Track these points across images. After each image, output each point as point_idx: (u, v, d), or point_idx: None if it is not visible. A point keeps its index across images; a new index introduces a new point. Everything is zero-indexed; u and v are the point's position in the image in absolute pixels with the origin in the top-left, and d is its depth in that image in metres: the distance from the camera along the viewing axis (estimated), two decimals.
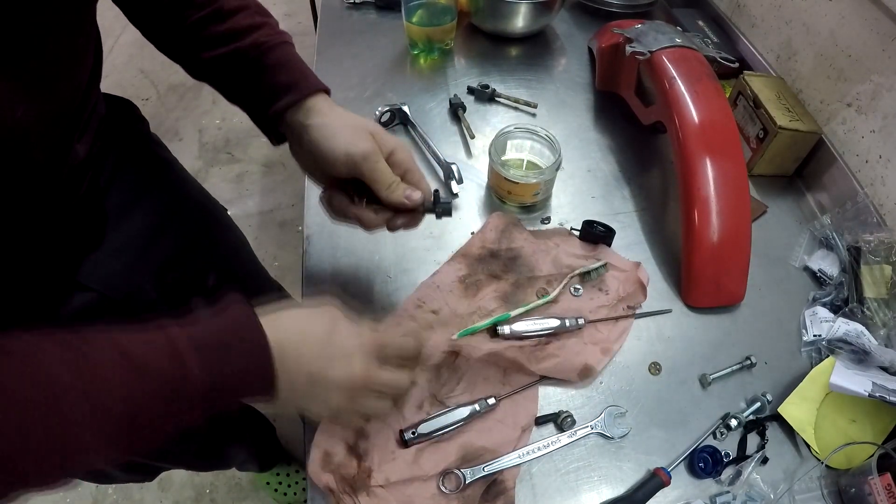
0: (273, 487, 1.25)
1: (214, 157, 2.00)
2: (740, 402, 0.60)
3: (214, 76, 0.56)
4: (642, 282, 0.66)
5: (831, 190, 0.78)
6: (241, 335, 0.41)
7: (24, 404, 0.32)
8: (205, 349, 0.39)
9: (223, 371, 0.39)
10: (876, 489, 0.51)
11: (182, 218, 0.71)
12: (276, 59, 0.54)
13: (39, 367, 0.34)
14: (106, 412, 0.35)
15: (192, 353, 0.38)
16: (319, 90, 0.54)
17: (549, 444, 0.56)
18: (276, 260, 1.73)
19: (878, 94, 0.72)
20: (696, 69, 0.71)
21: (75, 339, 0.36)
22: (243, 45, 0.53)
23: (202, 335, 0.39)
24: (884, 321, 0.63)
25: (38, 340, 0.35)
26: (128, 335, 0.37)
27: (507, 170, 0.70)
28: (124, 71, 2.27)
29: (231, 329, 0.41)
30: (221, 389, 0.39)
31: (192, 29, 0.54)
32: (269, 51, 0.53)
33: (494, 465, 0.54)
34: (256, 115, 0.56)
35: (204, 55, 0.54)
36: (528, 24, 0.96)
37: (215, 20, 0.53)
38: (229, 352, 0.40)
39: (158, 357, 0.37)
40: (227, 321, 0.41)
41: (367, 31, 1.00)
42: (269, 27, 0.55)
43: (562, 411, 0.58)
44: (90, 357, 0.35)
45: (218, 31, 0.53)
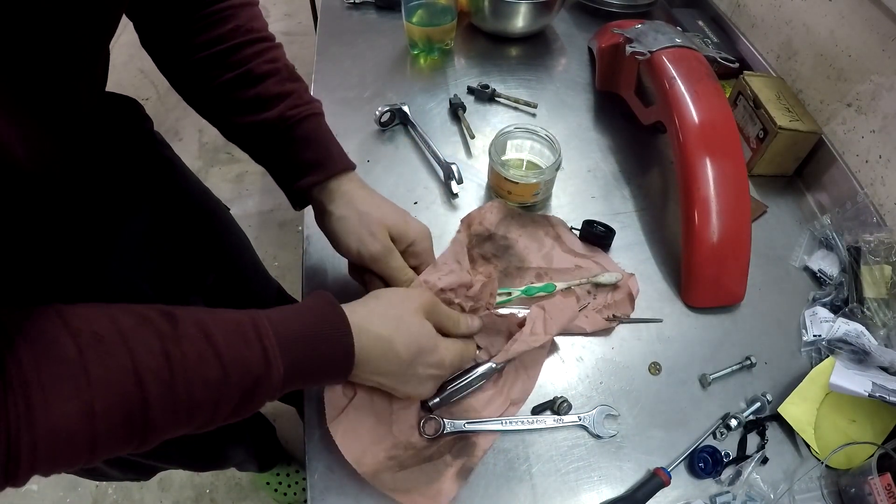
0: (273, 487, 1.25)
1: (214, 157, 2.00)
2: (740, 402, 0.60)
3: (242, 141, 0.58)
4: (632, 293, 0.66)
5: (831, 190, 0.78)
6: (332, 339, 0.43)
7: (110, 388, 0.33)
8: (292, 352, 0.41)
9: (304, 373, 0.42)
10: (876, 489, 0.51)
11: (183, 218, 0.71)
12: (304, 134, 0.54)
13: (131, 356, 0.34)
14: (189, 397, 0.36)
15: (280, 354, 0.40)
16: (345, 169, 0.55)
17: (534, 422, 0.57)
18: (276, 260, 1.73)
19: (878, 94, 0.72)
20: (696, 69, 0.71)
21: (168, 325, 0.37)
22: (270, 116, 0.53)
23: (291, 335, 0.41)
24: (884, 321, 0.63)
25: (132, 325, 0.36)
26: (219, 326, 0.39)
27: (507, 170, 0.70)
28: (124, 71, 2.27)
29: (319, 328, 0.43)
30: (300, 381, 0.43)
31: (221, 90, 0.54)
32: (296, 125, 0.54)
33: (476, 424, 0.55)
34: (281, 183, 0.58)
35: (232, 119, 0.55)
36: (528, 24, 0.96)
37: (244, 84, 0.53)
38: (315, 359, 0.43)
39: (246, 352, 0.39)
40: (316, 319, 0.43)
41: (367, 31, 1.00)
42: (298, 95, 0.55)
43: (558, 397, 0.58)
44: (181, 344, 0.36)
45: (246, 96, 0.54)
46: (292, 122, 0.54)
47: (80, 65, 0.42)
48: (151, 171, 0.67)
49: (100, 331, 0.34)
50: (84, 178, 0.53)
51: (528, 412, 0.58)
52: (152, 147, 0.69)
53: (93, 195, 0.56)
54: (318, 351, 0.43)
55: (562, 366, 0.61)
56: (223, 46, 0.53)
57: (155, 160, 0.69)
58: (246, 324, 0.40)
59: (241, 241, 0.89)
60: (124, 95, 0.65)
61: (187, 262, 0.72)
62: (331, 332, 0.43)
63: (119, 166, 0.61)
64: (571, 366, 0.62)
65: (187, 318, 0.38)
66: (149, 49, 0.56)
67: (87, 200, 0.55)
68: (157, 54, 0.56)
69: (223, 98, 0.54)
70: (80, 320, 0.34)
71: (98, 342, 0.34)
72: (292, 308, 0.44)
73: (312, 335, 0.42)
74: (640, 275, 0.69)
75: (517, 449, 0.56)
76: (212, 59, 0.53)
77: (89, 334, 0.34)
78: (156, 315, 0.37)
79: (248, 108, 0.54)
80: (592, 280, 0.66)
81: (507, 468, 0.54)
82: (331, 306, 0.45)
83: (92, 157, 0.54)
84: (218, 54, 0.53)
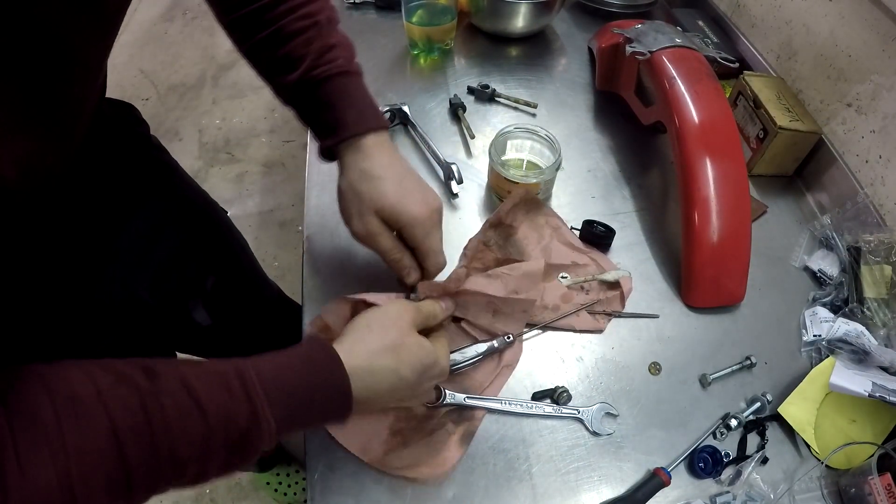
0: (273, 487, 1.25)
1: (214, 157, 2.00)
2: (740, 402, 0.60)
3: (282, 98, 0.58)
4: (623, 292, 0.66)
5: (831, 190, 0.78)
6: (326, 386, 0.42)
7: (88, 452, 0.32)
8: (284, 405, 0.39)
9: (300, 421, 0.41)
10: (876, 489, 0.51)
11: (181, 223, 0.71)
12: (322, 96, 0.54)
13: (109, 415, 0.33)
14: (173, 454, 0.35)
15: (269, 407, 0.38)
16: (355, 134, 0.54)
17: (533, 407, 0.57)
18: (276, 260, 1.73)
19: (878, 94, 0.72)
20: (696, 69, 0.71)
21: (146, 381, 0.35)
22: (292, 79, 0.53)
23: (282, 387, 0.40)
24: (884, 321, 0.63)
25: (110, 384, 0.34)
26: (201, 378, 0.37)
27: (507, 170, 0.70)
28: (124, 71, 2.27)
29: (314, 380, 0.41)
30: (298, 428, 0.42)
31: (255, 49, 0.55)
32: (316, 86, 0.54)
33: (476, 400, 0.57)
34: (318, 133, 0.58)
35: (270, 79, 0.56)
36: (528, 24, 0.96)
37: (275, 43, 0.54)
38: (311, 407, 0.41)
39: (231, 405, 0.37)
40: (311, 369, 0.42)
41: (367, 31, 1.00)
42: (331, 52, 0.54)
43: (559, 386, 0.59)
44: (160, 399, 0.35)
45: (277, 55, 0.54)
46: (313, 84, 0.54)
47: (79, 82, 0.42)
48: (148, 176, 0.67)
49: (78, 392, 0.33)
50: (80, 187, 0.53)
51: (529, 399, 0.59)
52: (149, 152, 0.69)
53: (89, 203, 0.56)
54: (314, 401, 0.41)
55: (562, 365, 0.61)
56: (260, 4, 0.53)
57: (152, 165, 0.68)
58: (230, 375, 0.38)
59: (240, 245, 0.89)
60: (120, 101, 0.64)
61: (186, 267, 0.71)
62: (327, 381, 0.42)
63: (116, 173, 0.61)
64: (571, 365, 0.62)
65: (168, 372, 0.37)
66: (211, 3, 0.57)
67: (83, 209, 0.55)
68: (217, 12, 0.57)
69: (258, 57, 0.56)
70: (59, 382, 0.33)
71: (75, 404, 0.33)
72: (285, 355, 0.42)
73: (307, 386, 0.41)
74: (640, 275, 0.69)
75: (517, 449, 0.56)
76: (249, 17, 0.53)
77: (67, 396, 0.33)
78: (135, 370, 0.36)
79: (280, 68, 0.54)
80: (599, 278, 0.66)
81: (507, 468, 0.54)
82: (325, 352, 0.43)
83: (89, 166, 0.53)
84: (253, 12, 0.53)
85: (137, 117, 0.67)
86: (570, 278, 0.66)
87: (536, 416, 0.58)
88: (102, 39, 0.43)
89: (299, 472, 1.27)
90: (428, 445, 0.54)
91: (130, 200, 0.63)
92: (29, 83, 0.35)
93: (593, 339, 0.64)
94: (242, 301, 0.87)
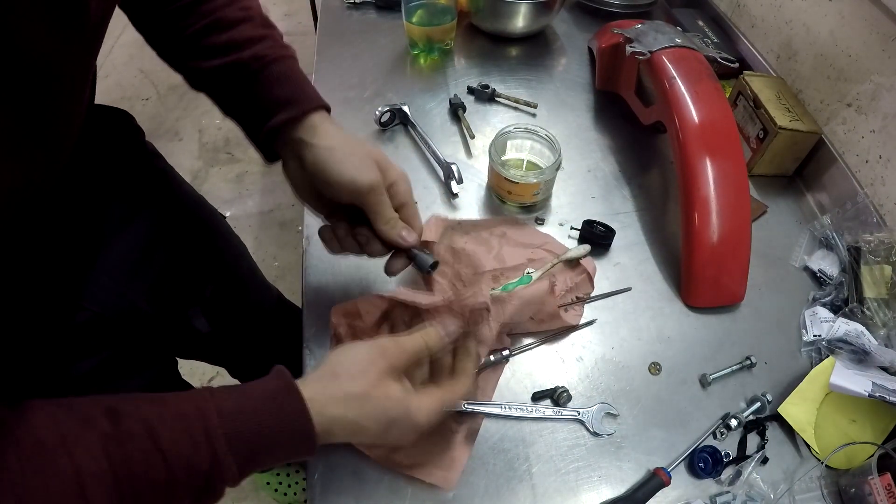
0: (273, 487, 1.25)
1: (214, 157, 2.00)
2: (740, 402, 0.60)
3: (212, 87, 0.55)
4: (589, 272, 0.67)
5: (831, 190, 0.78)
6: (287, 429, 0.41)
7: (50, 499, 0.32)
8: (246, 449, 0.39)
9: (263, 462, 0.41)
10: (876, 489, 0.51)
11: (177, 231, 0.70)
12: (277, 73, 0.52)
13: (72, 461, 0.33)
14: (137, 499, 0.35)
15: (231, 453, 0.38)
16: (320, 107, 0.53)
17: (532, 410, 0.57)
18: (276, 260, 1.73)
19: (878, 94, 0.72)
20: (696, 69, 0.71)
21: (110, 425, 0.35)
22: (243, 56, 0.52)
23: (244, 432, 0.39)
24: (884, 321, 0.63)
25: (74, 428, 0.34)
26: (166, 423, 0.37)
27: (507, 170, 0.70)
28: (124, 71, 2.27)
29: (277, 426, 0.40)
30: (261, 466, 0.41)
31: (193, 38, 0.52)
32: (269, 64, 0.52)
33: (476, 406, 0.56)
34: (252, 129, 0.54)
35: (203, 65, 0.53)
36: (528, 24, 0.96)
37: (216, 30, 0.52)
38: (273, 450, 0.41)
39: (192, 452, 0.37)
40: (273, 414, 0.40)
41: (367, 31, 1.00)
42: (272, 39, 0.54)
43: (559, 387, 0.59)
44: (124, 445, 0.35)
45: (218, 41, 0.52)
46: (266, 62, 0.52)
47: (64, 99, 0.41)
48: (144, 184, 0.66)
49: (41, 437, 0.33)
50: (73, 199, 0.52)
51: (528, 400, 0.59)
52: (145, 159, 0.68)
53: (82, 214, 0.56)
54: (276, 445, 0.41)
55: (562, 365, 0.61)
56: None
57: (148, 172, 0.68)
58: (192, 418, 0.38)
59: (239, 250, 0.88)
60: (114, 108, 0.64)
61: (184, 274, 0.71)
62: (290, 427, 0.41)
63: (110, 183, 0.60)
64: (571, 365, 0.62)
65: (132, 415, 0.37)
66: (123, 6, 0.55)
67: (76, 220, 0.55)
68: (132, 10, 0.55)
69: (195, 45, 0.53)
70: (23, 427, 0.33)
71: (39, 449, 0.33)
72: (249, 395, 0.41)
73: (269, 431, 0.40)
74: (640, 275, 0.69)
75: (517, 449, 0.56)
76: (184, 10, 0.52)
77: (31, 442, 0.33)
78: (100, 413, 0.36)
79: (220, 52, 0.52)
80: (563, 258, 0.67)
81: (507, 468, 0.54)
82: (288, 393, 0.41)
83: (82, 175, 0.53)
84: (189, 4, 0.52)
85: (131, 124, 0.66)
86: (535, 271, 0.66)
87: (537, 419, 0.57)
88: (85, 55, 0.42)
89: (299, 472, 1.27)
90: (433, 443, 0.53)
91: (125, 210, 0.62)
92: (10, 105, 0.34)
93: (593, 339, 0.64)
94: (241, 308, 0.87)
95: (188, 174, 1.94)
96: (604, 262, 0.70)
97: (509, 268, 0.67)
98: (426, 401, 0.46)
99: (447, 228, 0.70)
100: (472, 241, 0.69)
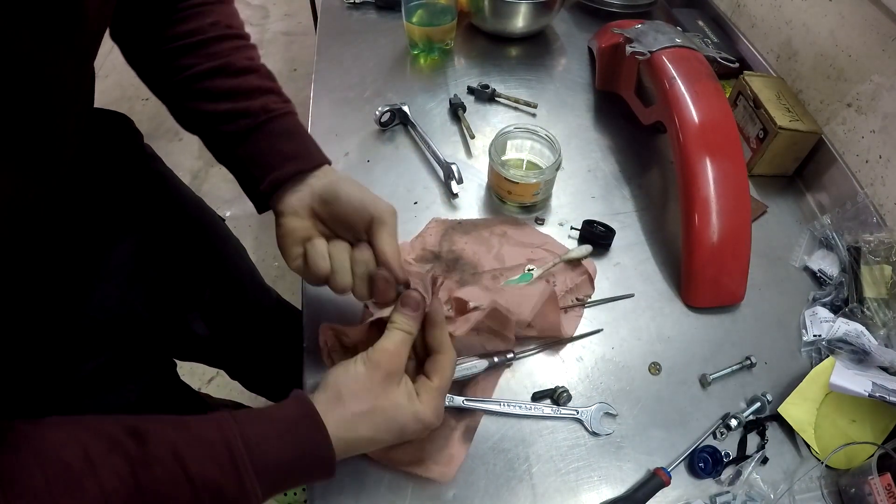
0: None
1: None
2: (740, 402, 0.60)
3: (212, 131, 0.54)
4: (590, 274, 0.67)
5: (831, 190, 0.78)
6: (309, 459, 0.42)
7: None
8: (270, 476, 0.40)
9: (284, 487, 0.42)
10: (876, 489, 0.51)
11: (176, 235, 0.70)
12: (284, 127, 0.53)
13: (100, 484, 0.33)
14: None
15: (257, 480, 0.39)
16: (327, 162, 0.54)
17: (532, 409, 0.57)
18: (276, 260, 1.73)
19: (878, 94, 0.72)
20: (696, 69, 0.71)
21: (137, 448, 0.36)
22: (252, 106, 0.52)
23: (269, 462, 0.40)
24: (884, 321, 0.63)
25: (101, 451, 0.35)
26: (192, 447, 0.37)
27: (507, 170, 0.70)
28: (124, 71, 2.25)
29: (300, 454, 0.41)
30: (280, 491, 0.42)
31: (195, 79, 0.52)
32: (277, 117, 0.53)
33: (475, 403, 0.57)
34: (251, 178, 0.53)
35: (205, 107, 0.52)
36: (528, 24, 0.96)
37: (223, 74, 0.52)
38: (295, 475, 0.42)
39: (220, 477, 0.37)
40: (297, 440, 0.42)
41: (367, 31, 1.00)
42: (278, 94, 0.54)
43: (559, 387, 0.59)
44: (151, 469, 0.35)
45: (224, 85, 0.52)
46: (274, 115, 0.52)
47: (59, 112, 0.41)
48: (143, 188, 0.66)
49: (67, 458, 0.33)
50: (71, 205, 0.52)
51: (528, 399, 0.59)
52: (143, 163, 0.68)
53: (81, 218, 0.55)
54: (298, 470, 0.42)
55: (562, 365, 0.61)
56: (201, 38, 0.52)
57: (146, 176, 0.68)
58: (218, 445, 0.38)
59: (238, 252, 0.88)
60: (112, 111, 0.63)
61: (183, 278, 0.71)
62: (313, 454, 0.42)
63: (108, 189, 0.60)
64: (571, 365, 0.62)
65: (157, 437, 0.37)
66: (117, 38, 0.55)
67: (74, 226, 0.54)
68: (127, 44, 0.55)
69: (196, 86, 0.52)
70: (46, 446, 0.33)
71: (66, 471, 0.33)
72: (270, 422, 0.42)
73: (292, 459, 0.41)
74: (640, 275, 0.69)
75: (517, 449, 0.56)
76: (187, 49, 0.52)
77: (57, 463, 0.33)
78: (125, 436, 0.36)
79: (227, 97, 0.52)
80: (564, 259, 0.67)
81: (507, 468, 0.54)
82: (310, 421, 0.42)
83: (80, 181, 0.53)
84: (195, 44, 0.52)
85: (130, 127, 0.66)
86: (536, 269, 0.66)
87: (536, 417, 0.58)
88: (79, 68, 0.42)
89: None
90: (431, 440, 0.54)
91: (124, 216, 0.62)
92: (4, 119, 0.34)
93: (593, 338, 0.64)
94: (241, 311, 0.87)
95: (188, 174, 1.94)
96: (604, 262, 0.70)
97: (509, 267, 0.67)
98: (427, 399, 0.47)
99: (447, 229, 0.70)
100: (472, 240, 0.69)
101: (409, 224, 0.72)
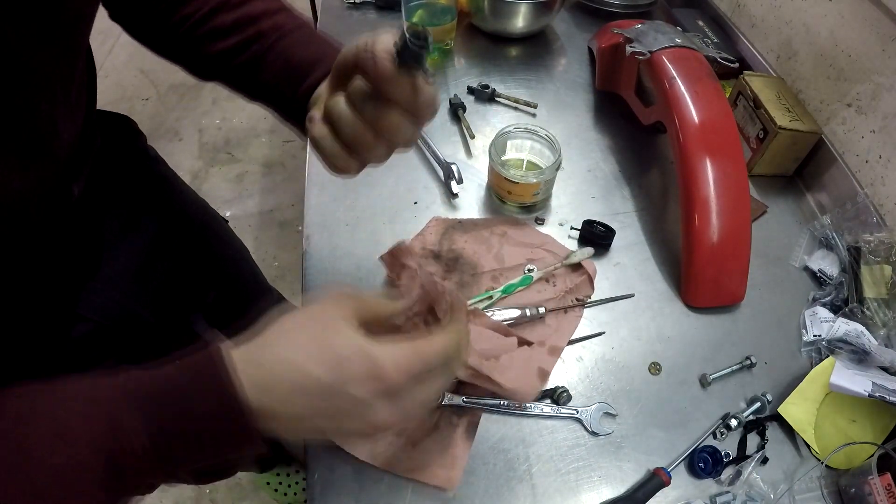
0: (273, 487, 1.25)
1: (214, 157, 2.00)
2: (740, 402, 0.60)
3: (228, 70, 0.50)
4: (590, 274, 0.67)
5: (831, 190, 0.78)
6: (198, 381, 0.32)
7: None
8: (148, 406, 0.31)
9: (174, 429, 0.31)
10: (876, 489, 0.51)
11: (179, 238, 0.70)
12: (300, 38, 0.49)
13: None
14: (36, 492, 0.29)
15: (131, 411, 0.31)
16: None
17: (532, 408, 0.57)
18: (276, 260, 1.73)
19: (878, 94, 0.72)
20: (696, 69, 0.71)
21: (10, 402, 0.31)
22: (263, 27, 0.49)
23: (145, 388, 0.32)
24: (884, 321, 0.63)
25: None
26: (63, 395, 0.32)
27: (507, 170, 0.70)
28: (124, 71, 2.26)
29: (185, 376, 0.32)
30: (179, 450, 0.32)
31: (197, 25, 0.50)
32: (289, 32, 0.49)
33: (475, 401, 0.57)
34: (283, 99, 0.49)
35: (214, 48, 0.49)
36: (528, 24, 0.96)
37: (222, 10, 0.50)
38: (183, 405, 0.32)
39: (91, 420, 0.30)
40: (182, 367, 0.33)
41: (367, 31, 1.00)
42: (287, 12, 0.51)
43: (559, 386, 0.59)
44: (20, 425, 0.30)
45: (229, 19, 0.49)
46: (286, 30, 0.49)
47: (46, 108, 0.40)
48: (145, 193, 0.66)
49: None
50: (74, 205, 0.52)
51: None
52: (146, 165, 0.68)
53: (85, 221, 0.55)
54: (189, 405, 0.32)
55: (562, 365, 0.61)
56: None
57: (149, 179, 0.67)
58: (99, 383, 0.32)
59: (240, 253, 0.88)
60: (117, 113, 0.63)
61: (187, 281, 0.71)
62: (201, 377, 0.32)
63: (111, 191, 0.60)
64: (571, 365, 0.62)
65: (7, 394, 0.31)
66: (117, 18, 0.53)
67: (78, 227, 0.54)
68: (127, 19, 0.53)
69: (201, 31, 0.49)
70: None
71: None
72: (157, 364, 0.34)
73: (173, 387, 0.32)
74: (640, 275, 0.69)
75: (517, 449, 0.56)
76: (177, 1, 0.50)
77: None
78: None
79: (232, 30, 0.49)
80: (566, 263, 0.67)
81: (507, 468, 0.54)
82: (203, 349, 0.33)
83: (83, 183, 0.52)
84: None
85: (133, 129, 0.66)
86: (537, 270, 0.66)
87: (536, 417, 0.58)
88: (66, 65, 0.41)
89: (299, 472, 1.27)
90: (435, 442, 0.54)
91: (126, 218, 0.62)
92: None
93: (593, 338, 0.64)
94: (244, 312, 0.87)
95: (188, 174, 1.94)
96: (604, 262, 0.70)
97: (509, 268, 0.67)
98: (392, 348, 0.35)
99: (448, 228, 0.70)
100: (472, 239, 0.69)
101: (409, 224, 0.72)
